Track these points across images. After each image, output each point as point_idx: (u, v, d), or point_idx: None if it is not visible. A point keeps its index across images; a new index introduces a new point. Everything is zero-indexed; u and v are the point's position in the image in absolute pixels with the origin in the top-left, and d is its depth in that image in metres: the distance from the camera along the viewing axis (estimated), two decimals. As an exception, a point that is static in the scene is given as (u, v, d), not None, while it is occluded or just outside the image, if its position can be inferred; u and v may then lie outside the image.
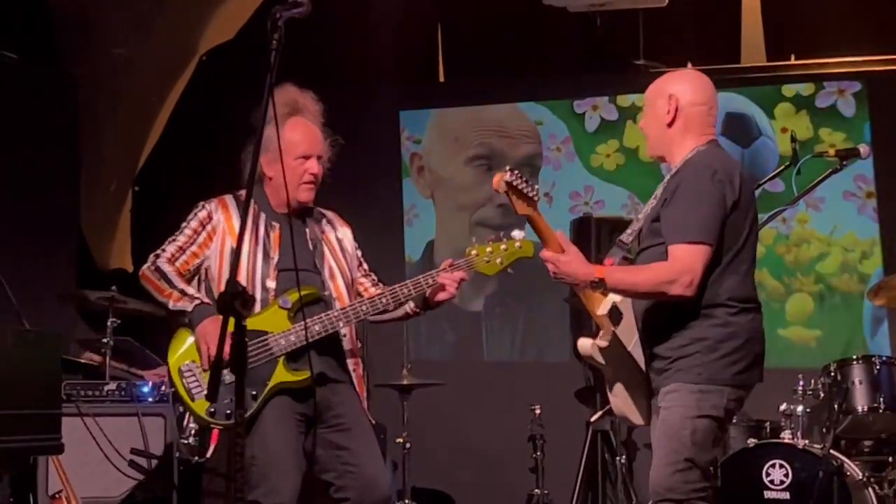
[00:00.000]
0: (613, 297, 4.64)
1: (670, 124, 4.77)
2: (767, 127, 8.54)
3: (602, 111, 9.02)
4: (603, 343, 4.64)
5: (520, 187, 4.50)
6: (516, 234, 5.20)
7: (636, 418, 4.85)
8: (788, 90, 8.57)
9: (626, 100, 8.95)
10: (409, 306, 5.22)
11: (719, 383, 4.58)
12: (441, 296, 5.15)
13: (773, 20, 8.61)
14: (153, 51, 9.32)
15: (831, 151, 5.84)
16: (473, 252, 5.15)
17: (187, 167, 9.44)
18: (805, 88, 8.52)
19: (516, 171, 4.42)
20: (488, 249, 5.15)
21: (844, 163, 5.74)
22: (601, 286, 4.52)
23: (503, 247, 5.15)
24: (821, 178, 5.83)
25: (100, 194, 9.53)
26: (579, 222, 8.25)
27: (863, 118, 8.38)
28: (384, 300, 5.06)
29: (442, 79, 9.44)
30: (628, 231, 4.79)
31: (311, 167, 5.09)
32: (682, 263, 4.50)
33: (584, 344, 4.67)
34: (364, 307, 5.03)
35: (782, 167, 6.09)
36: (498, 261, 5.14)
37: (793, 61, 8.56)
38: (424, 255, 9.44)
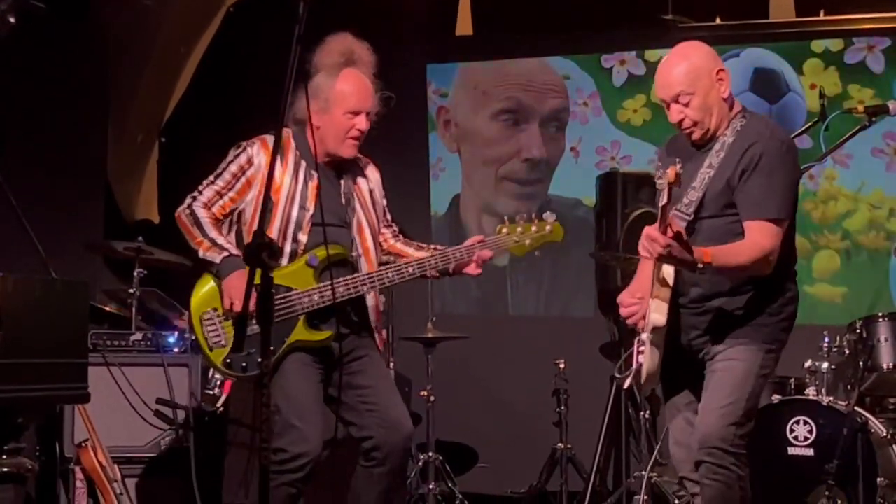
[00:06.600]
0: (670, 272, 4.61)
1: (727, 98, 4.76)
2: (796, 83, 8.48)
3: (630, 66, 8.97)
4: (665, 318, 4.62)
5: (679, 185, 4.43)
6: (548, 216, 5.17)
7: (655, 382, 4.84)
8: (817, 46, 8.50)
9: (654, 54, 8.88)
10: (430, 271, 5.18)
11: (779, 344, 4.71)
12: (465, 270, 5.16)
13: (803, -25, 8.55)
14: (181, 2, 9.31)
15: (860, 108, 5.81)
16: (504, 230, 5.16)
17: (214, 119, 9.43)
18: (834, 44, 8.45)
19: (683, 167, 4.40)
20: (519, 229, 5.14)
21: (873, 119, 5.71)
22: (708, 269, 4.47)
23: (534, 228, 5.14)
24: (849, 134, 5.79)
25: (127, 145, 9.53)
26: (606, 177, 8.22)
27: (892, 74, 8.30)
28: (411, 269, 5.06)
29: (469, 32, 9.39)
30: (685, 201, 4.70)
31: (359, 123, 5.03)
32: (770, 242, 4.53)
33: (659, 320, 4.60)
34: (390, 274, 5.03)
35: (810, 123, 6.06)
36: (527, 242, 5.14)
37: (822, 17, 8.47)
38: (450, 208, 9.42)
